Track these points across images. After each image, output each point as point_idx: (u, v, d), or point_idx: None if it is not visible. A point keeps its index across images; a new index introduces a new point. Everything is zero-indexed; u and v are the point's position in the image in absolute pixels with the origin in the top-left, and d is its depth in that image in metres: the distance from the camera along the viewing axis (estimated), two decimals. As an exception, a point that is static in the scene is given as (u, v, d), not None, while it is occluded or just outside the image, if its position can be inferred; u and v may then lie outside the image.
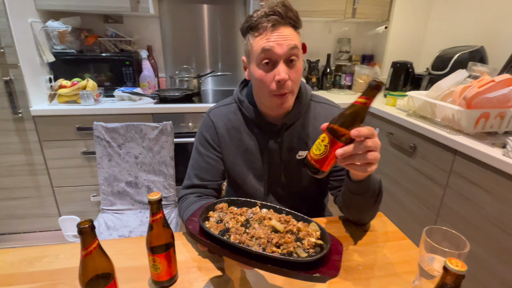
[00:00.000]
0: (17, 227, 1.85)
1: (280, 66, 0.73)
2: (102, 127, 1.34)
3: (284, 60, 0.74)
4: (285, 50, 0.73)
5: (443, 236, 0.60)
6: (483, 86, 1.12)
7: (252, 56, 0.78)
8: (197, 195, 0.87)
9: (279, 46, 0.72)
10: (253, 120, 0.87)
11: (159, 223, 0.62)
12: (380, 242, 0.82)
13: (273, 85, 0.75)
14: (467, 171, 1.16)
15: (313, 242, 0.54)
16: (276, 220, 0.58)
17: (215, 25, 2.21)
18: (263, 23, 0.73)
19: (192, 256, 0.75)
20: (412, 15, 2.15)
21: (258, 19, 0.73)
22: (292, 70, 0.75)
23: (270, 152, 0.88)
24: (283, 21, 0.73)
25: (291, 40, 0.73)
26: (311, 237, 0.55)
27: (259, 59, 0.75)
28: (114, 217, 1.36)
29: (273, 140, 0.87)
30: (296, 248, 0.52)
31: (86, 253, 0.52)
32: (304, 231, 0.57)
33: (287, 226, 0.57)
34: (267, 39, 0.73)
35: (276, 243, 0.52)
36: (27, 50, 1.61)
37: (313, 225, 0.59)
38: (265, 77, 0.76)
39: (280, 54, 0.73)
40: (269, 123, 0.86)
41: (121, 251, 0.76)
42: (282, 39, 0.72)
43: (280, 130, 0.86)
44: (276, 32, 0.73)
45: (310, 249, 0.53)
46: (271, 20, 0.72)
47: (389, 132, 1.62)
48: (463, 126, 1.22)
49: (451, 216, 1.24)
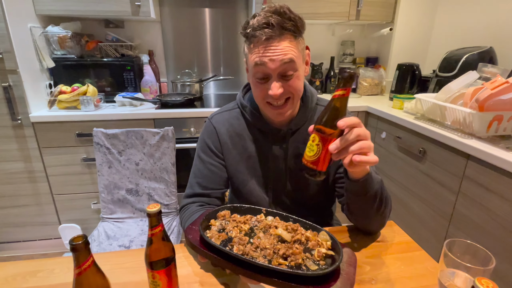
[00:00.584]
0: (17, 235, 1.82)
1: (273, 81, 0.71)
2: (102, 133, 1.31)
3: (278, 75, 0.71)
4: (277, 66, 0.69)
5: (465, 250, 0.56)
6: (496, 88, 1.07)
7: (248, 65, 0.76)
8: (199, 205, 0.83)
9: (272, 61, 0.69)
10: (256, 125, 0.84)
11: (159, 237, 0.58)
12: (393, 253, 0.77)
13: (267, 97, 0.74)
14: (480, 176, 1.11)
15: (324, 253, 0.50)
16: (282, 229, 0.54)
17: (217, 29, 2.19)
18: (256, 36, 0.69)
19: (194, 270, 0.71)
20: (417, 16, 2.12)
21: (252, 30, 0.69)
22: (288, 83, 0.73)
23: (275, 159, 0.84)
24: (277, 33, 0.68)
25: (285, 55, 0.69)
26: (322, 248, 0.51)
27: (253, 72, 0.74)
28: (115, 226, 1.32)
29: (278, 146, 0.84)
30: (305, 260, 0.48)
31: (80, 272, 0.48)
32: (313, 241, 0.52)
33: (295, 235, 0.53)
34: (259, 53, 0.70)
35: (283, 254, 0.48)
36: (27, 55, 1.59)
37: (323, 234, 0.55)
38: (259, 89, 0.74)
39: (271, 70, 0.70)
40: (274, 129, 0.83)
41: (119, 265, 0.72)
42: (276, 54, 0.69)
43: (285, 136, 0.83)
44: (270, 46, 0.69)
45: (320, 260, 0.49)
46: (264, 34, 0.68)
47: (397, 136, 1.57)
48: (475, 130, 1.17)
49: (464, 223, 1.19)
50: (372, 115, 1.82)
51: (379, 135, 1.76)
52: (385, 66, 2.30)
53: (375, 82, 2.23)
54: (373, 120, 1.83)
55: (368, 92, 2.26)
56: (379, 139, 1.75)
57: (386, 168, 1.69)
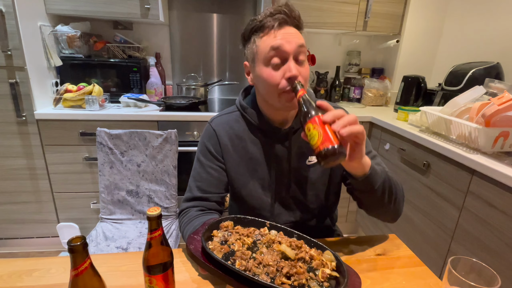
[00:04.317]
0: (16, 232, 1.81)
1: (291, 62, 0.72)
2: (105, 133, 1.31)
3: (293, 57, 0.72)
4: (294, 47, 0.71)
5: (470, 268, 0.55)
6: (503, 104, 1.07)
7: (258, 57, 0.75)
8: (199, 209, 0.82)
9: (288, 43, 0.71)
10: (257, 126, 0.83)
11: (158, 241, 0.57)
12: (395, 268, 0.76)
13: (283, 82, 0.72)
14: (485, 192, 1.10)
15: (328, 274, 0.48)
16: (286, 245, 0.52)
17: (224, 34, 2.20)
18: (269, 22, 0.72)
19: (191, 276, 0.70)
20: (424, 29, 2.12)
21: (263, 19, 0.73)
22: (302, 69, 0.74)
23: (277, 159, 0.84)
24: (289, 20, 0.73)
25: (299, 39, 0.73)
26: (326, 268, 0.49)
27: (267, 58, 0.73)
28: (113, 227, 1.31)
29: (280, 145, 0.83)
30: (308, 281, 0.46)
31: (77, 273, 0.47)
32: (317, 260, 0.51)
33: (299, 253, 0.51)
34: (275, 36, 0.72)
35: (287, 273, 0.47)
36: (35, 53, 1.60)
37: (328, 253, 0.53)
38: (274, 75, 0.73)
39: (289, 51, 0.71)
40: (275, 128, 0.82)
41: (116, 268, 0.71)
42: (291, 37, 0.72)
43: (288, 134, 0.83)
44: (283, 30, 0.72)
45: (324, 282, 0.47)
46: (278, 19, 0.72)
47: (401, 148, 1.56)
48: (481, 145, 1.16)
49: (467, 239, 1.17)
50: (376, 126, 1.82)
51: (382, 146, 1.75)
52: (391, 77, 2.30)
53: (380, 93, 2.23)
54: (377, 131, 1.82)
55: (373, 103, 2.25)
56: (383, 150, 1.74)
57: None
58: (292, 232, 0.58)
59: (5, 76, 1.52)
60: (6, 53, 1.48)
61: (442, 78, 1.75)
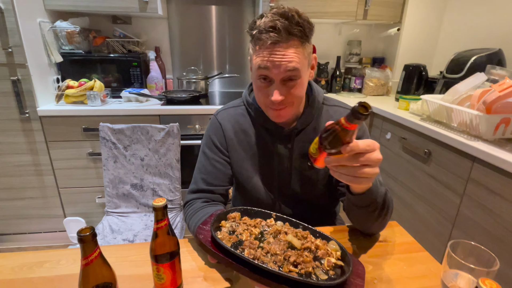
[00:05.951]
0: (23, 227, 1.84)
1: (275, 87, 0.70)
2: (108, 128, 1.32)
3: (280, 80, 0.70)
4: (280, 72, 0.69)
5: (469, 252, 0.56)
6: (504, 90, 1.06)
7: (252, 66, 0.76)
8: (203, 201, 0.84)
9: (276, 67, 0.68)
10: (262, 123, 0.84)
11: (164, 231, 0.59)
12: (396, 254, 0.77)
13: (268, 100, 0.73)
14: (486, 178, 1.11)
15: (333, 262, 0.50)
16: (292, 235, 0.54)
17: (223, 26, 2.19)
18: (262, 39, 0.68)
19: (198, 265, 0.72)
20: (426, 17, 2.10)
21: (258, 33, 0.68)
22: (292, 89, 0.72)
23: (280, 157, 0.85)
24: (283, 39, 0.66)
25: (289, 62, 0.68)
26: (331, 257, 0.51)
27: (256, 75, 0.73)
28: (119, 220, 1.34)
29: (283, 145, 0.84)
30: (315, 269, 0.48)
31: (87, 263, 0.49)
32: (323, 250, 0.52)
33: (305, 243, 0.53)
34: (263, 57, 0.69)
35: (294, 261, 0.48)
36: (35, 50, 1.61)
37: (333, 243, 0.55)
38: (261, 92, 0.74)
39: (275, 75, 0.70)
40: (279, 127, 0.83)
41: (124, 258, 0.73)
42: (280, 60, 0.67)
43: (290, 135, 0.83)
44: (275, 52, 0.67)
45: (330, 270, 0.49)
46: (270, 38, 0.66)
47: (402, 137, 1.57)
48: (482, 132, 1.16)
49: (468, 226, 1.19)
50: (378, 115, 1.82)
51: (384, 136, 1.75)
52: (392, 66, 2.29)
53: (381, 83, 2.22)
54: (378, 121, 1.82)
55: (374, 93, 2.24)
56: (384, 139, 1.75)
57: (390, 169, 1.68)
58: (298, 223, 0.59)
59: (7, 73, 1.53)
60: (7, 51, 1.48)
61: (443, 66, 1.74)
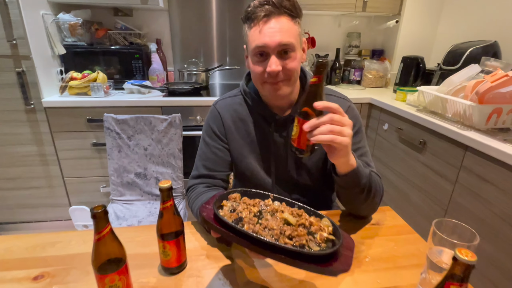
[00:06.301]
0: (29, 216, 1.90)
1: (272, 58, 0.75)
2: (112, 118, 1.36)
3: (276, 53, 0.75)
4: (276, 44, 0.73)
5: (452, 229, 0.60)
6: (496, 81, 1.10)
7: (248, 47, 0.79)
8: (205, 186, 0.88)
9: (271, 40, 0.73)
10: (258, 111, 0.88)
11: (170, 211, 0.63)
12: (388, 235, 0.82)
13: (265, 75, 0.77)
14: (477, 166, 1.15)
15: (325, 236, 0.54)
16: (288, 213, 0.58)
17: (223, 18, 2.21)
18: (257, 13, 0.73)
19: (201, 244, 0.77)
20: (424, 9, 2.12)
21: (253, 8, 0.74)
22: (287, 61, 0.76)
23: (276, 144, 0.88)
24: (276, 11, 0.72)
25: (283, 33, 0.73)
26: (323, 232, 0.55)
27: (253, 52, 0.77)
28: (124, 207, 1.39)
29: (278, 133, 0.88)
30: (308, 242, 0.52)
31: (99, 237, 0.53)
32: (316, 226, 0.57)
33: (300, 220, 0.57)
34: (260, 31, 0.73)
35: (289, 235, 0.52)
36: (39, 42, 1.63)
37: (325, 220, 0.59)
38: (258, 67, 0.78)
39: (271, 48, 0.74)
40: (275, 115, 0.86)
41: (132, 239, 0.77)
42: (274, 32, 0.72)
43: (286, 123, 0.87)
44: (269, 23, 0.73)
45: (322, 243, 0.53)
46: (264, 10, 0.72)
47: (399, 127, 1.60)
48: (475, 122, 1.20)
49: (460, 212, 1.23)
50: (375, 107, 1.85)
51: (381, 127, 1.79)
52: (391, 58, 2.31)
53: (380, 75, 2.25)
54: (376, 112, 1.85)
55: (373, 85, 2.27)
56: (381, 130, 1.78)
57: (386, 159, 1.73)
58: (294, 203, 0.63)
59: (12, 65, 1.56)
60: (11, 42, 1.51)
61: (441, 58, 1.77)
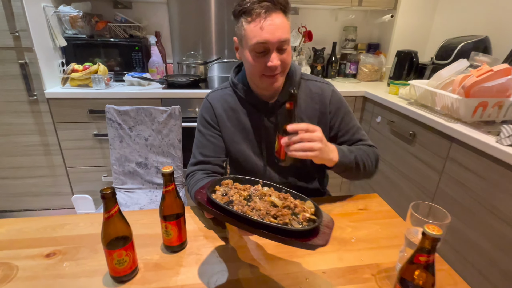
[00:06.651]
0: (33, 204, 1.96)
1: (273, 54, 0.80)
2: (114, 110, 1.41)
3: (276, 48, 0.81)
4: (276, 40, 0.79)
5: (428, 211, 0.66)
6: (481, 75, 1.15)
7: (245, 41, 0.83)
8: (204, 172, 0.94)
9: (272, 36, 0.78)
10: (247, 100, 0.94)
11: (171, 194, 0.69)
12: (374, 219, 0.88)
13: (265, 69, 0.83)
14: (462, 157, 1.21)
15: (307, 216, 0.60)
16: (275, 197, 0.64)
17: (222, 12, 2.23)
18: (256, 9, 0.77)
19: (199, 227, 0.83)
20: (419, 4, 2.15)
21: (251, 4, 0.77)
22: (284, 55, 0.82)
23: (266, 130, 0.95)
24: (274, 7, 0.77)
25: (282, 32, 0.79)
26: (306, 213, 0.61)
27: (252, 47, 0.81)
28: (126, 195, 1.45)
29: (267, 118, 0.94)
30: (291, 220, 0.58)
31: (108, 216, 0.59)
32: (300, 207, 0.62)
33: (285, 202, 0.63)
34: (261, 27, 0.78)
35: (274, 215, 0.58)
36: (41, 34, 1.67)
37: (309, 202, 0.65)
38: (257, 62, 0.83)
39: (272, 44, 0.79)
40: (263, 102, 0.93)
41: (136, 221, 0.83)
42: (274, 28, 0.78)
43: (274, 108, 0.93)
44: (269, 20, 0.77)
45: (304, 222, 0.59)
46: (264, 7, 0.76)
47: (391, 120, 1.66)
48: (461, 115, 1.26)
49: (446, 200, 1.30)
50: (369, 100, 1.90)
51: (374, 119, 1.84)
52: (386, 52, 2.35)
53: (375, 68, 2.29)
54: (369, 105, 1.91)
55: (368, 78, 2.32)
56: (374, 123, 1.84)
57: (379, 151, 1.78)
58: (281, 188, 0.69)
59: (15, 57, 1.59)
60: (14, 35, 1.55)
61: (435, 53, 1.81)
